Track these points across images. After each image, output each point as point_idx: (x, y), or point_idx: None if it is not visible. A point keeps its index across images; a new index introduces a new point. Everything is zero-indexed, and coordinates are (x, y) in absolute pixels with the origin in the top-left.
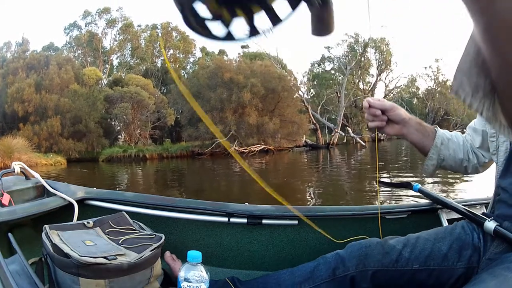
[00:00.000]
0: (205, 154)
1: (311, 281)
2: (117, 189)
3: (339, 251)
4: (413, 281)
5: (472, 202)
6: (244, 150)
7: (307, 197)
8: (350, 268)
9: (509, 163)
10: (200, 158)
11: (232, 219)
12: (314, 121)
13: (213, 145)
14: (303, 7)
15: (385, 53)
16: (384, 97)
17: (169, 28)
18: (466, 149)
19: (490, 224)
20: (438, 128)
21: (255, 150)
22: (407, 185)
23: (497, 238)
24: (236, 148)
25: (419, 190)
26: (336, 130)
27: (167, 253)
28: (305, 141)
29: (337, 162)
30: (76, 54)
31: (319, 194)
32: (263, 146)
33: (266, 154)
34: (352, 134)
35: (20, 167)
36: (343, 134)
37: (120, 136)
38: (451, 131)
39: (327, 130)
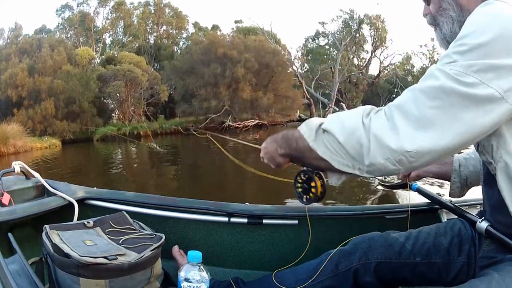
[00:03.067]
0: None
1: (314, 277)
2: (113, 166)
3: (342, 247)
4: (415, 274)
5: (472, 202)
6: (238, 125)
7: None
8: (353, 261)
9: (487, 171)
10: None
11: (232, 219)
12: (308, 96)
13: (207, 121)
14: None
15: (380, 30)
16: (378, 74)
17: (162, 5)
18: None
19: (482, 225)
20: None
21: (249, 125)
22: (406, 185)
23: (488, 238)
24: (230, 123)
25: (418, 190)
26: (330, 105)
27: (176, 248)
28: (299, 115)
29: None
30: (69, 35)
31: None
32: (257, 121)
33: (260, 129)
34: (346, 110)
35: (20, 167)
36: (337, 109)
37: (114, 115)
38: None
39: (321, 105)
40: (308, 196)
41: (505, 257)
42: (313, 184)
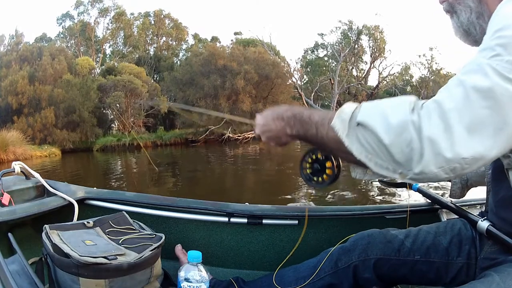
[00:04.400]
0: (199, 141)
1: (314, 275)
2: (112, 177)
3: (342, 245)
4: (414, 272)
5: (472, 202)
6: (238, 137)
7: (300, 185)
8: (353, 257)
9: (495, 166)
10: (194, 145)
11: (232, 219)
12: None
13: (207, 132)
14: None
15: (379, 40)
16: (377, 84)
17: (162, 16)
18: None
19: (483, 224)
20: None
21: (249, 136)
22: (406, 184)
23: (490, 238)
24: (230, 135)
25: (418, 190)
26: None
27: (179, 246)
28: None
29: None
30: (69, 44)
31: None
32: None
33: (260, 141)
34: None
35: (20, 167)
36: None
37: (113, 125)
38: None
39: None
40: (320, 178)
41: (507, 258)
42: (328, 164)
